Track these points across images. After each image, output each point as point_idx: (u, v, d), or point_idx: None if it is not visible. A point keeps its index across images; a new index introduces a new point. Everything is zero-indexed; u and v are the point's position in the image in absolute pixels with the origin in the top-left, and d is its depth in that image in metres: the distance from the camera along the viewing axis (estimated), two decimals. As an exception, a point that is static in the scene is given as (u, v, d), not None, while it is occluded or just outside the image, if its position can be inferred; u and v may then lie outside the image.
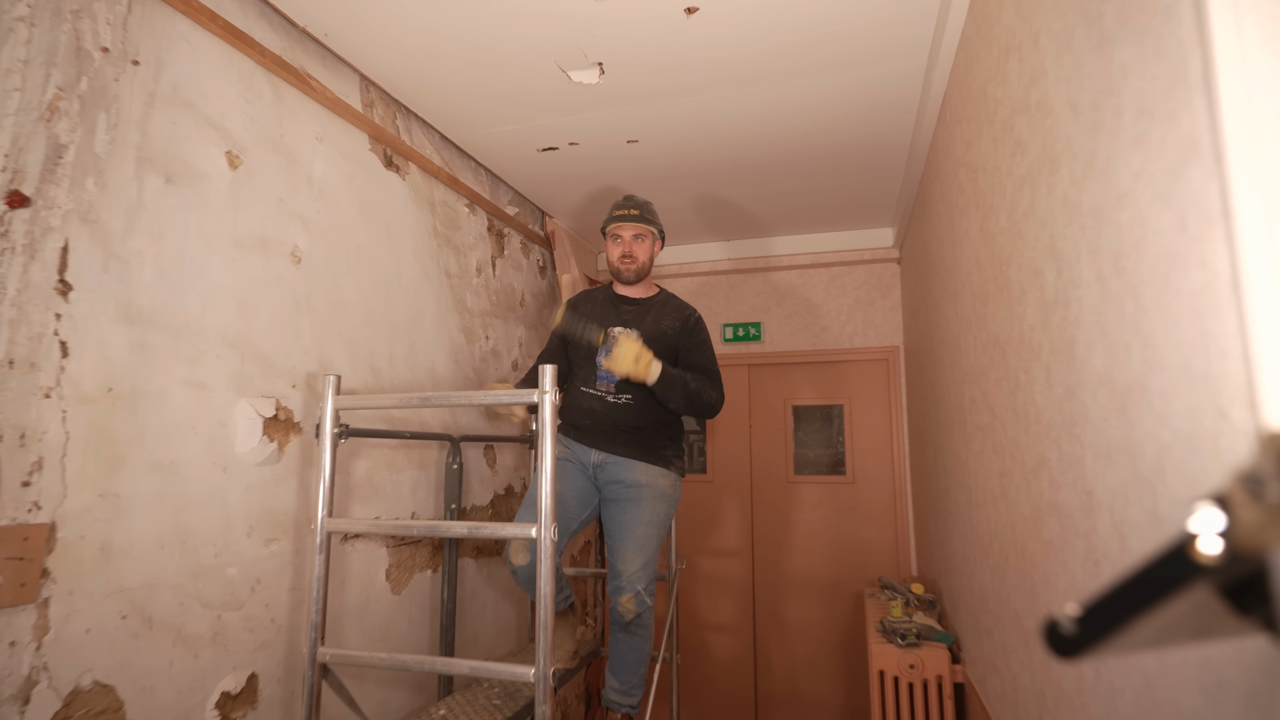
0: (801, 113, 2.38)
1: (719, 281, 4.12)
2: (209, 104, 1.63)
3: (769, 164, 2.84)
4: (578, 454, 2.07)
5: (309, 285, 1.89)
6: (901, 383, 3.72)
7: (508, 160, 2.80)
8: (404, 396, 1.66)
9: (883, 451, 3.73)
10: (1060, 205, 1.17)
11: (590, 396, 2.06)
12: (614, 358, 1.89)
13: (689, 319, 2.10)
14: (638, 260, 2.08)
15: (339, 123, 2.05)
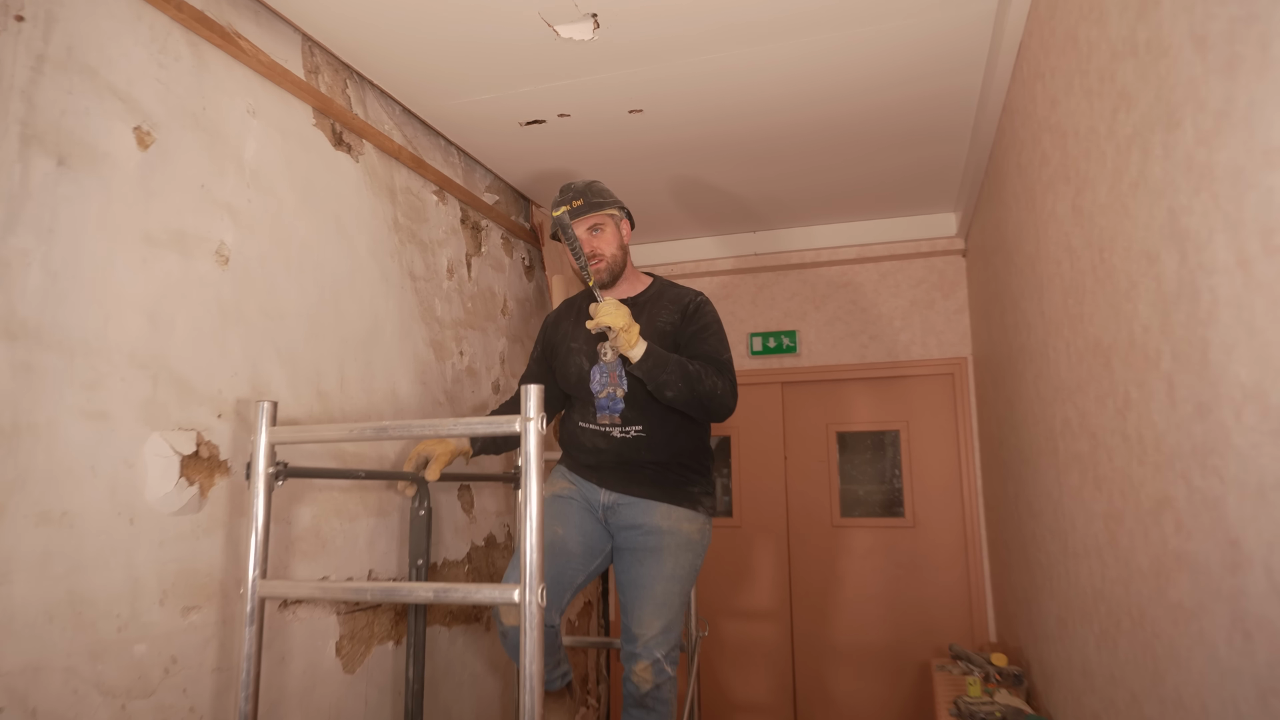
0: (842, 71, 2.35)
1: (744, 282, 4.11)
2: (113, 69, 1.59)
3: (803, 135, 2.81)
4: (585, 491, 2.04)
5: (239, 290, 1.85)
6: (971, 402, 3.68)
7: (485, 137, 2.78)
8: (357, 427, 1.61)
9: (949, 488, 3.69)
10: (1182, 170, 1.10)
11: (592, 434, 2.03)
12: (598, 313, 1.84)
13: (689, 305, 2.05)
14: (605, 257, 2.03)
15: (276, 92, 2.02)
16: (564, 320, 2.18)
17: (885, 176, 3.22)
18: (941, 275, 3.80)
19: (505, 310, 3.19)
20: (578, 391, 2.06)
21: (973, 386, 3.68)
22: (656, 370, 1.87)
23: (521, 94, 2.45)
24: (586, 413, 2.04)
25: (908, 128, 2.75)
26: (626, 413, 1.99)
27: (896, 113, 2.62)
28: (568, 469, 2.10)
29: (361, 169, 2.34)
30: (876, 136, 2.82)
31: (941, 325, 3.77)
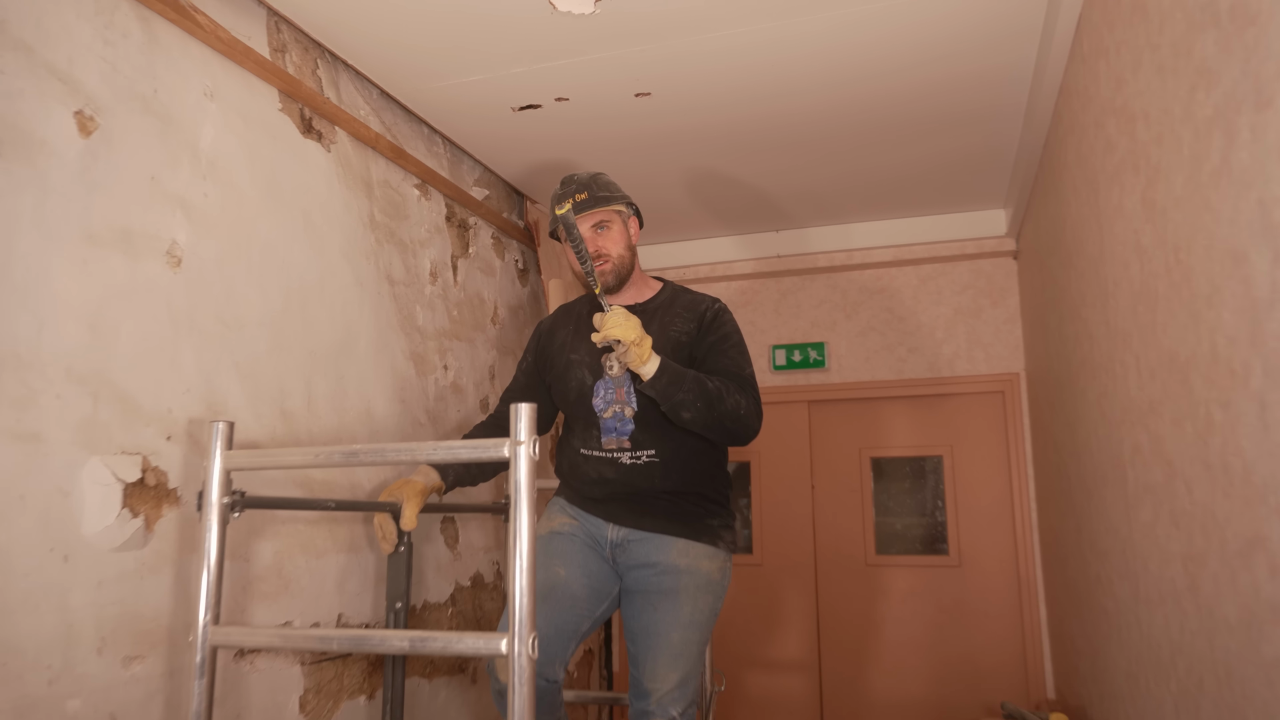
0: (876, 47, 2.33)
1: (766, 288, 4.11)
2: (52, 46, 1.58)
3: (833, 120, 2.80)
4: (589, 526, 2.02)
5: (193, 296, 1.84)
6: (1024, 424, 3.66)
7: (473, 124, 2.78)
8: (325, 451, 1.58)
9: (1000, 522, 3.66)
10: (1275, 156, 1.07)
11: (597, 461, 2.00)
12: (606, 325, 1.80)
13: (705, 313, 2.03)
14: (611, 258, 2.01)
15: (237, 73, 2.01)
16: (561, 328, 2.14)
17: (926, 168, 3.20)
18: (990, 280, 3.79)
19: (495, 319, 3.18)
20: (578, 411, 2.03)
21: (1026, 406, 3.65)
22: (672, 389, 1.83)
23: (515, 75, 2.45)
24: (588, 437, 2.01)
25: (951, 112, 2.73)
26: (637, 435, 1.95)
27: (938, 94, 2.61)
28: (568, 501, 2.07)
29: (333, 159, 2.33)
30: (916, 122, 2.80)
31: (990, 336, 3.76)
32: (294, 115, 2.19)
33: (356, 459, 1.55)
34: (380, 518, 1.97)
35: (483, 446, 1.43)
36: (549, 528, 2.04)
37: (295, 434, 2.09)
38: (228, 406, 1.90)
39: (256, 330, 2.00)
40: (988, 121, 2.80)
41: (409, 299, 2.63)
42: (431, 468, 1.98)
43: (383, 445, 1.53)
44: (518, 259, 3.42)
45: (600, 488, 2.00)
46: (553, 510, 2.09)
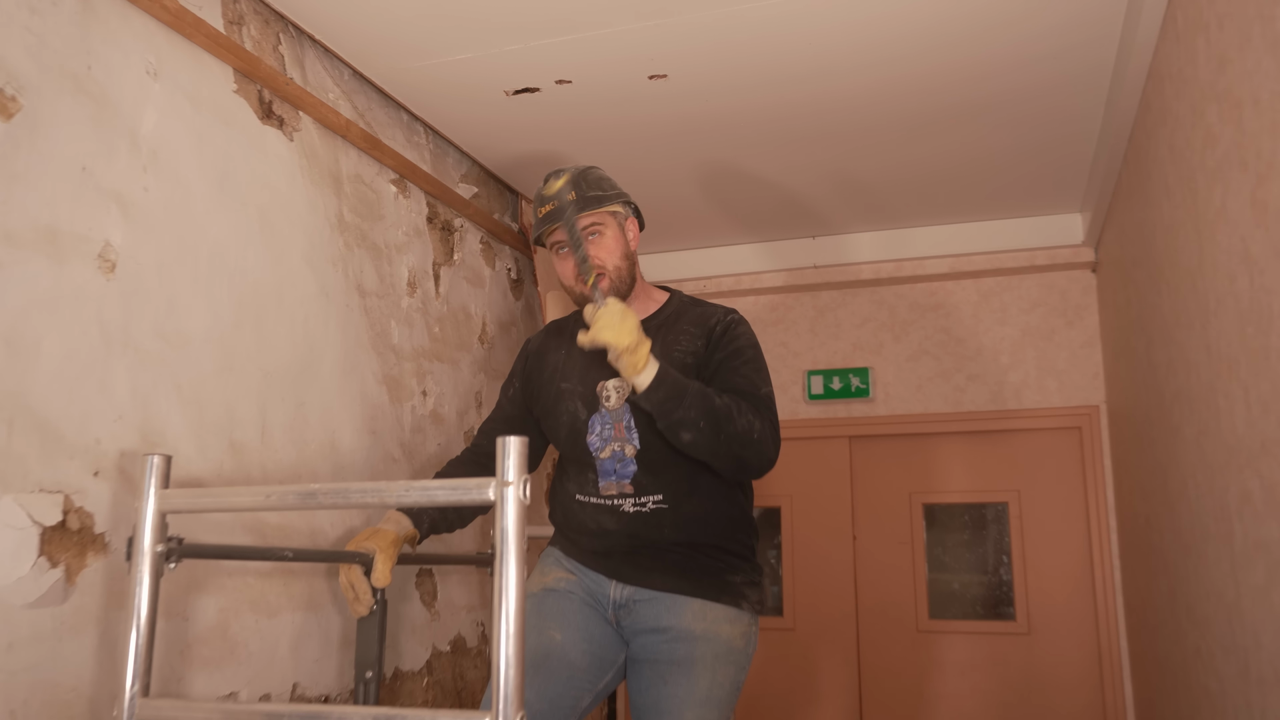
0: (930, 20, 2.32)
1: (799, 304, 4.11)
2: (-29, 15, 1.58)
3: (879, 107, 2.79)
4: (588, 583, 2.00)
5: (128, 307, 1.83)
6: (1104, 466, 3.64)
7: (460, 110, 2.78)
8: (280, 491, 1.55)
9: (1077, 581, 3.63)
10: None
11: (595, 510, 1.98)
12: (595, 325, 1.79)
13: (715, 327, 2.01)
14: (606, 269, 1.98)
15: (186, 48, 2.01)
16: (551, 349, 2.12)
17: (988, 164, 3.19)
18: (1064, 296, 3.77)
19: (484, 337, 3.16)
20: (571, 450, 2.01)
21: (1107, 445, 3.63)
22: (670, 404, 1.80)
23: (509, 54, 2.45)
24: (584, 481, 1.99)
25: (1017, 97, 2.72)
26: (641, 478, 1.93)
27: (1002, 75, 2.60)
28: (564, 554, 2.05)
29: (297, 149, 2.33)
30: (976, 109, 2.79)
31: (1064, 362, 3.74)
32: (251, 98, 2.19)
33: (316, 500, 1.52)
34: (349, 572, 1.93)
35: (463, 487, 1.40)
36: (542, 584, 2.02)
37: (246, 470, 2.08)
38: (167, 437, 1.88)
39: (203, 347, 1.99)
40: (1061, 109, 2.78)
41: (383, 313, 2.62)
42: (403, 513, 1.96)
43: (346, 485, 1.50)
44: (510, 267, 3.41)
45: (601, 540, 1.97)
46: (546, 563, 2.06)
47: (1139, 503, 3.04)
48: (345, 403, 2.42)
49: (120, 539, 1.74)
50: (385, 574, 1.86)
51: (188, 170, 1.99)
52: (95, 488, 1.71)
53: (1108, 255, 3.38)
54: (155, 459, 1.61)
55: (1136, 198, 2.69)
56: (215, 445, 2.00)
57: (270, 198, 2.22)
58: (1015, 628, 3.66)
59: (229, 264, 2.08)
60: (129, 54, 1.87)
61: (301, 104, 2.32)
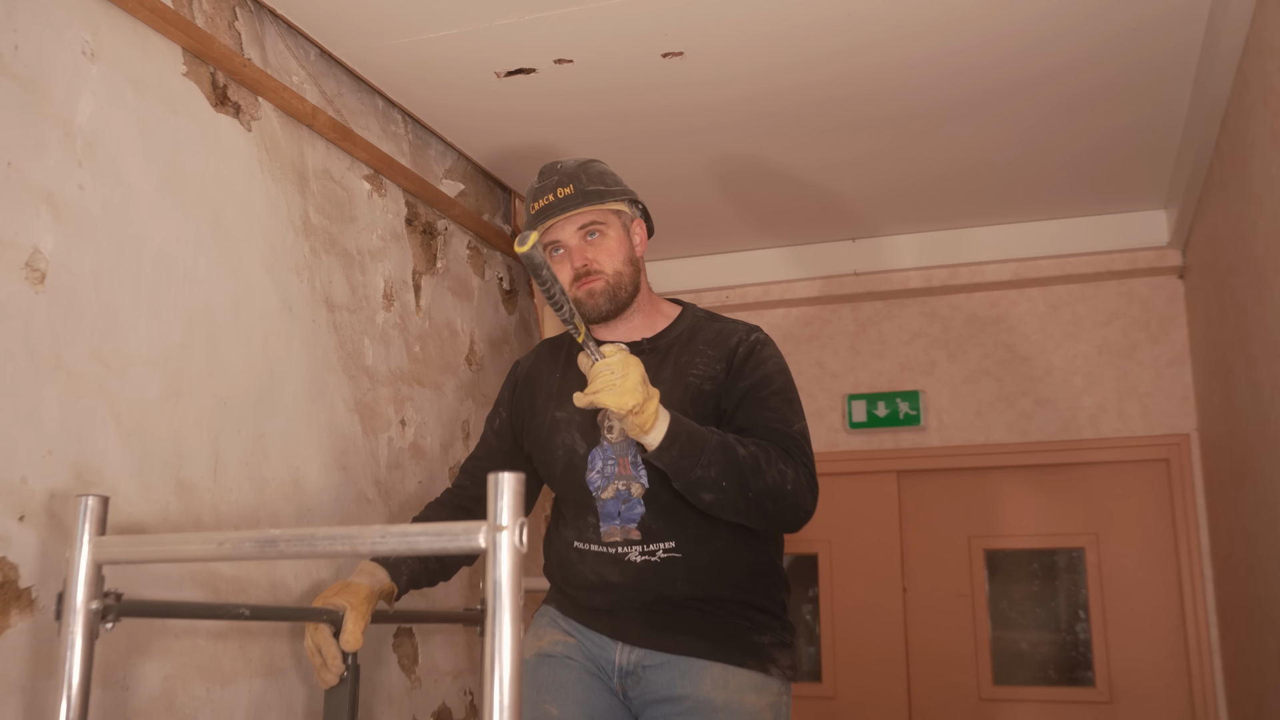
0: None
1: (837, 316, 4.10)
2: (-119, -12, 1.59)
3: (928, 87, 2.79)
4: (590, 647, 2.01)
5: (60, 323, 1.83)
6: (1198, 505, 3.61)
7: (445, 95, 2.79)
8: (235, 538, 1.55)
9: (1166, 640, 3.60)
10: None
11: (595, 559, 1.99)
12: (592, 384, 1.76)
13: (737, 348, 2.00)
14: (604, 274, 1.99)
15: (128, 25, 2.02)
16: (544, 372, 2.13)
17: (1056, 152, 3.18)
18: (1147, 306, 3.76)
19: (472, 357, 3.16)
20: (568, 490, 2.02)
21: (1200, 480, 3.60)
22: (685, 460, 1.79)
23: (501, 29, 2.45)
24: (583, 526, 1.99)
25: (1091, 75, 2.71)
26: (650, 522, 1.93)
27: (1074, 49, 2.59)
28: (560, 612, 2.04)
29: (255, 141, 2.34)
30: (1042, 87, 2.79)
31: (1148, 384, 3.72)
32: (203, 82, 2.20)
33: (277, 549, 1.51)
34: (316, 634, 1.92)
35: (449, 533, 1.39)
36: (536, 648, 2.02)
37: (196, 513, 2.07)
38: (104, 474, 1.88)
39: (146, 370, 1.99)
40: (1142, 90, 2.78)
41: (355, 329, 2.62)
42: (378, 564, 1.95)
43: (312, 531, 1.50)
44: (502, 276, 3.41)
45: (604, 594, 1.96)
46: (540, 624, 2.06)
47: (1239, 548, 3.02)
48: (311, 434, 2.42)
49: (49, 595, 1.73)
50: (357, 636, 1.84)
51: (129, 165, 2.00)
52: (20, 534, 1.71)
53: (1198, 258, 3.37)
54: (90, 501, 1.61)
55: (1232, 190, 2.68)
56: (160, 484, 2.00)
57: (224, 197, 2.23)
58: (1094, 695, 3.63)
59: (177, 274, 2.09)
60: (62, 32, 1.88)
61: (261, 88, 2.33)
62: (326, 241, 2.55)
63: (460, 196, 3.17)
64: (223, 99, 2.25)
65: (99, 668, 1.82)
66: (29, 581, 1.71)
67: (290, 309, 2.39)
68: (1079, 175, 3.35)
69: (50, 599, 1.73)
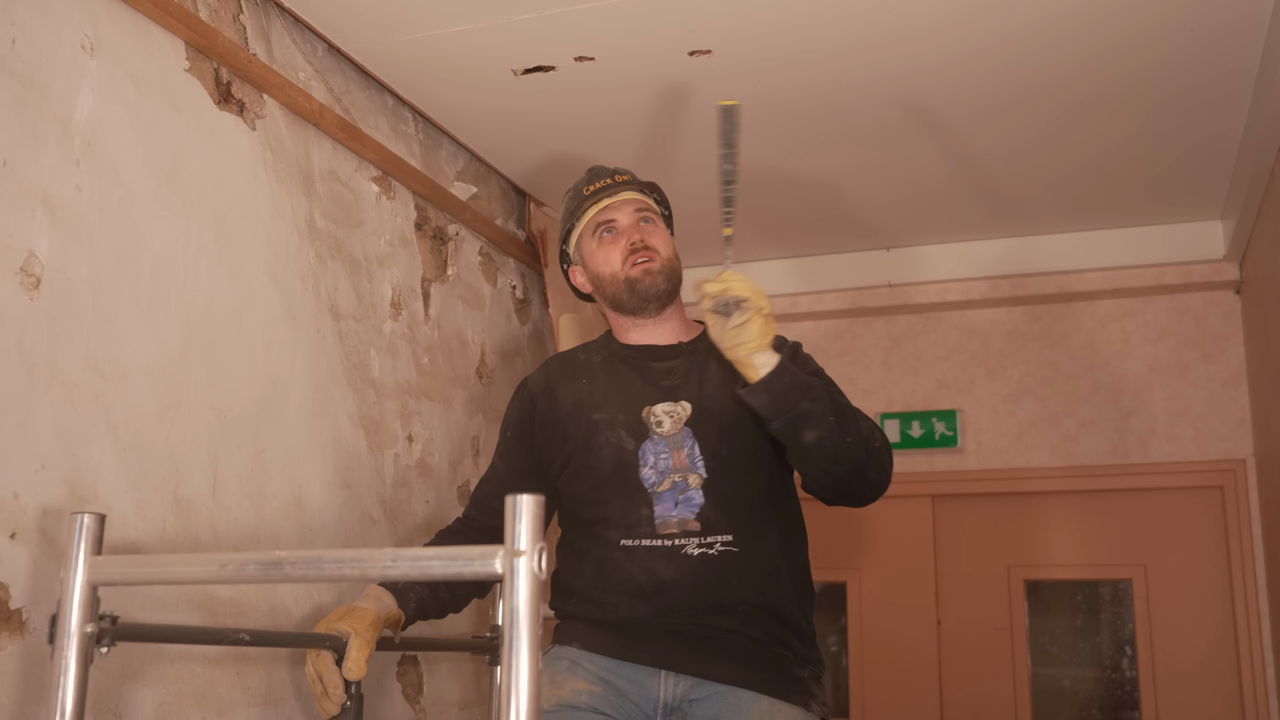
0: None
1: (869, 330, 4.11)
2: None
3: (969, 86, 2.79)
4: (624, 687, 1.98)
5: (55, 331, 1.84)
6: (1254, 534, 3.59)
7: (458, 93, 2.81)
8: (235, 560, 1.55)
9: (1220, 679, 3.58)
10: None
11: (646, 555, 1.98)
12: (725, 278, 1.82)
13: (781, 349, 2.06)
14: (660, 255, 2.10)
15: (129, 18, 2.04)
16: (563, 381, 2.15)
17: (1104, 159, 3.18)
18: (1201, 322, 3.75)
19: (483, 369, 3.16)
20: (617, 490, 2.02)
21: (1257, 508, 3.59)
22: (795, 391, 1.84)
23: (518, 25, 2.46)
24: (634, 521, 1.98)
25: (1143, 78, 2.71)
26: (709, 512, 1.95)
27: (1124, 49, 2.59)
28: (584, 650, 2.01)
29: (260, 140, 2.35)
30: (1091, 90, 2.79)
31: (1202, 405, 3.71)
32: (206, 78, 2.21)
33: (282, 572, 1.51)
34: (318, 661, 1.93)
35: (464, 557, 1.38)
36: (556, 698, 1.97)
37: (194, 532, 2.08)
38: (99, 491, 1.89)
39: (143, 381, 2.00)
40: (1198, 94, 2.77)
41: (361, 340, 2.63)
42: (385, 589, 1.95)
43: (319, 552, 1.50)
44: (515, 284, 3.41)
45: (648, 601, 1.95)
46: (558, 668, 2.02)
47: (1299, 581, 2.99)
48: (314, 450, 2.43)
49: (42, 617, 1.74)
50: (361, 664, 1.84)
51: (129, 165, 2.01)
52: (12, 553, 1.71)
53: (1256, 272, 3.35)
54: (85, 518, 1.61)
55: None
56: (157, 501, 2.00)
57: (227, 199, 2.24)
58: (1142, 737, 3.61)
59: (177, 279, 2.09)
60: (61, 25, 1.89)
61: (266, 85, 2.34)
62: (332, 246, 2.56)
63: (473, 200, 3.19)
64: (226, 96, 2.27)
65: (92, 694, 1.83)
66: (20, 602, 1.71)
67: (294, 317, 2.40)
68: (1130, 183, 3.35)
69: (42, 621, 1.74)
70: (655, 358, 2.11)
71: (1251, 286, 3.47)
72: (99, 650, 1.61)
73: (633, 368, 2.11)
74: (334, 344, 2.53)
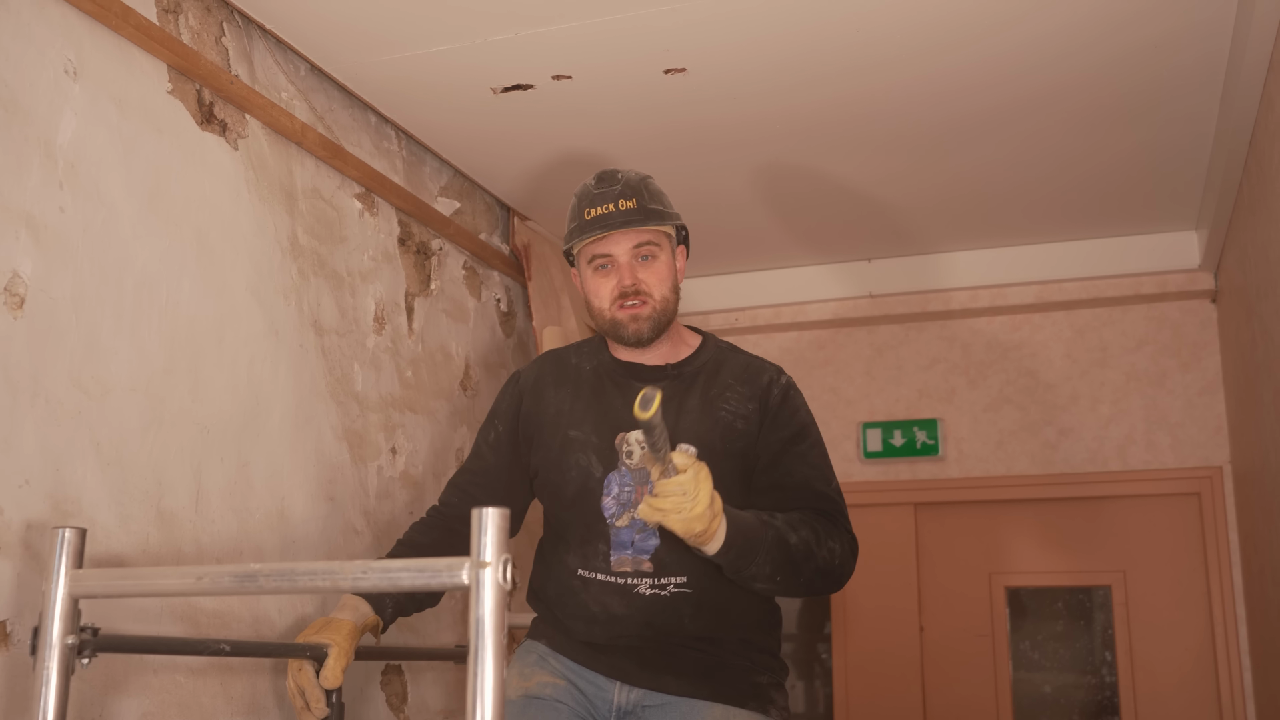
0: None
1: (852, 340, 4.10)
2: None
3: (944, 103, 2.81)
4: (583, 685, 2.00)
5: (38, 349, 1.84)
6: (1231, 541, 3.60)
7: (440, 112, 2.82)
8: (215, 572, 1.57)
9: (1198, 684, 3.59)
10: None
11: (600, 589, 1.98)
12: (660, 501, 1.71)
13: (770, 390, 2.05)
14: (652, 299, 2.02)
15: (112, 42, 2.05)
16: (551, 386, 2.14)
17: (1081, 171, 3.19)
18: (1177, 332, 3.76)
19: (467, 382, 3.17)
20: (577, 514, 2.02)
21: (1233, 515, 3.59)
22: (741, 562, 1.82)
23: (497, 45, 2.48)
24: (591, 554, 1.99)
25: (1114, 91, 2.72)
26: (663, 554, 1.94)
27: (1094, 65, 2.60)
28: (550, 648, 2.04)
29: (242, 159, 2.36)
30: (1063, 104, 2.80)
31: (1179, 413, 3.72)
32: (189, 99, 2.22)
33: (256, 584, 1.53)
34: (299, 674, 1.95)
35: (431, 569, 1.41)
36: (522, 689, 2.00)
37: (177, 545, 2.08)
38: (82, 505, 1.89)
39: (127, 397, 2.00)
40: (1168, 105, 2.79)
41: (344, 354, 2.64)
42: (362, 598, 1.97)
43: (292, 565, 1.53)
44: (499, 298, 3.42)
45: (603, 628, 1.97)
46: (527, 661, 2.04)
47: (1274, 587, 3.00)
48: (298, 463, 2.43)
49: (24, 629, 1.74)
50: (337, 674, 1.87)
51: (112, 186, 2.02)
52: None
53: (1230, 282, 3.37)
54: (67, 532, 1.63)
55: (1260, 212, 2.69)
56: (140, 515, 2.01)
57: (210, 217, 2.24)
58: (1122, 742, 3.61)
59: (160, 297, 2.10)
60: (44, 50, 1.90)
61: (248, 105, 2.35)
62: (315, 263, 2.57)
63: (456, 215, 3.19)
64: (209, 117, 2.28)
65: (75, 705, 1.84)
66: (3, 615, 1.72)
67: (277, 333, 2.41)
68: (1105, 194, 3.36)
69: (25, 633, 1.73)
70: (640, 378, 2.06)
71: (1226, 295, 3.49)
72: (80, 661, 1.63)
73: (616, 385, 2.08)
74: (317, 358, 2.54)
